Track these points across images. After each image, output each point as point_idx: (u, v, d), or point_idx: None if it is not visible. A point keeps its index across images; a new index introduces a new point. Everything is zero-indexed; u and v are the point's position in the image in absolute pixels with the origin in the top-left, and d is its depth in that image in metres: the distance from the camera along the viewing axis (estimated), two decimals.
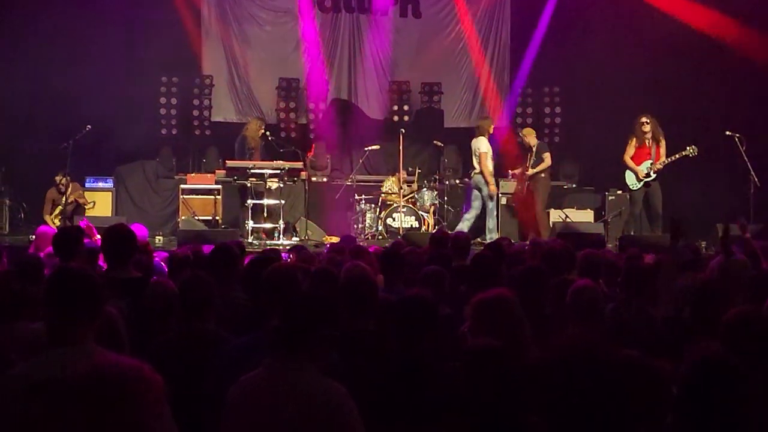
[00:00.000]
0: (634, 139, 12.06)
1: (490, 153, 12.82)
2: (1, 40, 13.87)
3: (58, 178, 12.78)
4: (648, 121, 11.95)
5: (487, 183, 12.72)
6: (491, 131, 13.17)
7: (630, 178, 12.06)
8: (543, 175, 13.00)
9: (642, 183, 11.97)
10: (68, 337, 3.02)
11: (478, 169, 12.80)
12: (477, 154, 12.78)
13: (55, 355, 3.02)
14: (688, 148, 11.79)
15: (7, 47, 13.82)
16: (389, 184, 13.72)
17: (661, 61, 14.23)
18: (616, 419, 3.63)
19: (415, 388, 3.73)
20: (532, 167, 13.00)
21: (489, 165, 12.74)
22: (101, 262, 5.93)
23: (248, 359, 3.70)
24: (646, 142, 11.97)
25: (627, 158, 12.05)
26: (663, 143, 11.96)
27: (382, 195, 13.63)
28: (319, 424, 3.07)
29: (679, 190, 12.53)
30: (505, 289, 4.29)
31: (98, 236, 6.39)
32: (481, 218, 12.93)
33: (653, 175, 11.91)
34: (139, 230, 7.52)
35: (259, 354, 3.63)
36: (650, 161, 11.90)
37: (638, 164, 11.96)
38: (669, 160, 11.85)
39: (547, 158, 13.00)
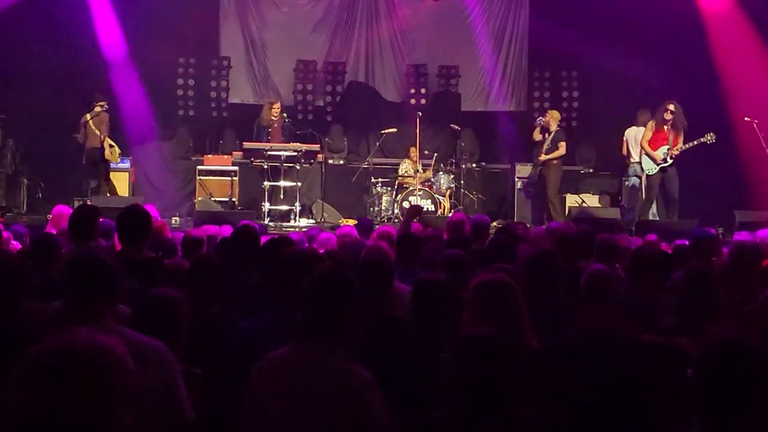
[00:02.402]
0: (653, 123, 11.93)
1: None
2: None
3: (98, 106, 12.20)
4: (674, 110, 11.69)
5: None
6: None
7: (647, 163, 11.98)
8: (555, 162, 12.93)
9: (659, 168, 11.89)
10: (84, 318, 3.11)
11: (635, 158, 12.54)
12: (639, 142, 12.46)
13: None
14: (706, 135, 11.66)
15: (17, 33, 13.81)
16: (405, 167, 13.72)
17: (681, 44, 14.10)
18: (643, 404, 3.63)
19: (421, 376, 3.72)
20: (546, 153, 12.94)
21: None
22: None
23: (257, 341, 3.72)
24: (665, 127, 11.85)
25: (644, 143, 11.95)
26: (682, 134, 11.78)
27: (399, 178, 13.63)
28: (343, 408, 3.06)
29: (696, 176, 12.43)
30: (505, 273, 4.27)
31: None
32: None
33: (670, 161, 11.82)
34: (152, 211, 7.53)
35: (268, 336, 3.65)
36: (667, 146, 11.78)
37: (655, 149, 11.85)
38: (686, 146, 11.75)
39: (562, 147, 12.92)
